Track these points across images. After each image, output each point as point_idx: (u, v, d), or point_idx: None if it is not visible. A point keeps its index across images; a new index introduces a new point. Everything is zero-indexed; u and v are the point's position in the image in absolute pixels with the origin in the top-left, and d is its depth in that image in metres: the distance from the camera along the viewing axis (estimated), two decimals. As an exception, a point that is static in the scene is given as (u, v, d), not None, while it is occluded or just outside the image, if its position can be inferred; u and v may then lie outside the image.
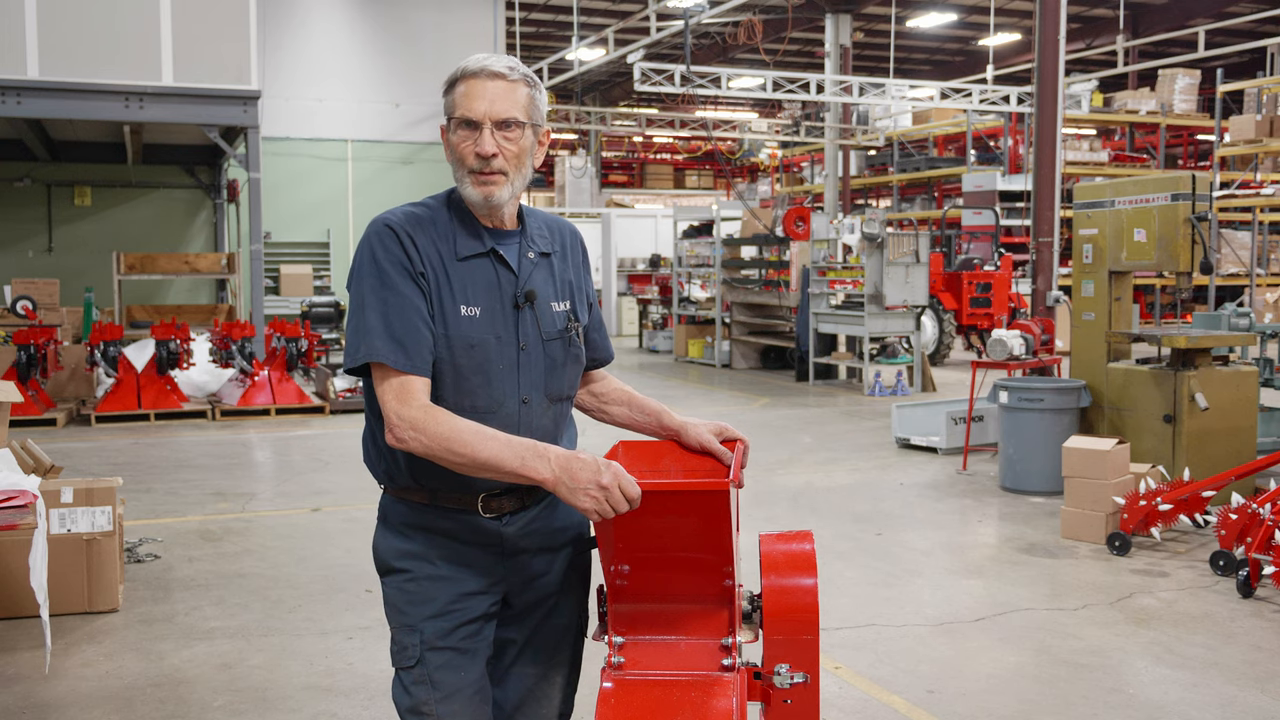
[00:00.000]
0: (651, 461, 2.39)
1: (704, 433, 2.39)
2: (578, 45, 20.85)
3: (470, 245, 2.21)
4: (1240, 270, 19.81)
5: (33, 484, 4.34)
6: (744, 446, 2.36)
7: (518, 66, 2.21)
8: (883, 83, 19.99)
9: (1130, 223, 7.61)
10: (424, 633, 2.21)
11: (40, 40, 11.48)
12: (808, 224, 14.85)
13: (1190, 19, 23.74)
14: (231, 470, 8.85)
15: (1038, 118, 10.55)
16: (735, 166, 35.16)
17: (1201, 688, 4.32)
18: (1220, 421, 7.14)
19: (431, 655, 2.21)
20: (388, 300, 2.12)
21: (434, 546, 2.23)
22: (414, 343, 2.11)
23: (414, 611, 2.22)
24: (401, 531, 2.25)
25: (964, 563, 6.13)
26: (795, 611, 2.08)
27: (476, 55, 2.23)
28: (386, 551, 2.27)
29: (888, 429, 10.37)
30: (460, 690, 2.23)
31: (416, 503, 2.23)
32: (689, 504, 2.00)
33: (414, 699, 2.22)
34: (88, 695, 4.25)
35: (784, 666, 2.05)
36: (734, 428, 2.41)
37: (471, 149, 2.18)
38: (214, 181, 18.59)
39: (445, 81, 2.23)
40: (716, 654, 2.07)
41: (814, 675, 2.07)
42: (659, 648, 2.09)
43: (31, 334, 11.09)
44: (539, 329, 2.26)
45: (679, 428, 2.41)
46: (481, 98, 2.17)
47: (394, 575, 2.26)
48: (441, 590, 2.22)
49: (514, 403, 2.23)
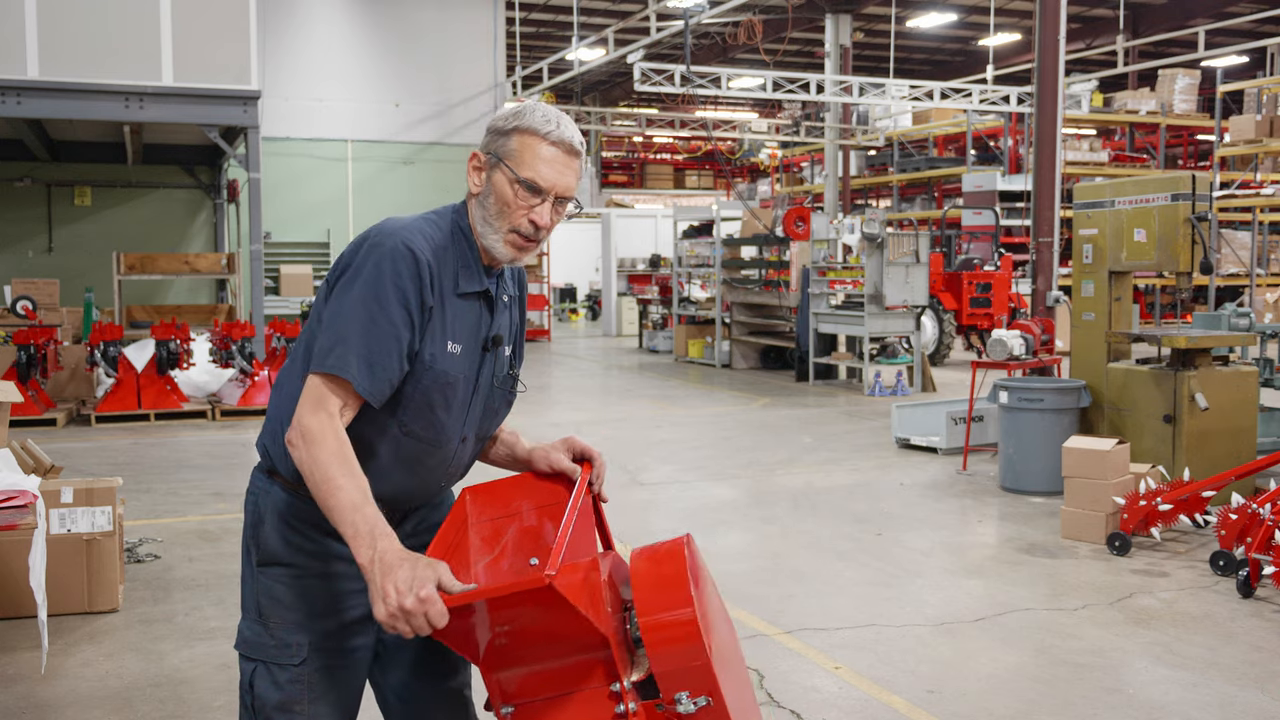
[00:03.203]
0: (503, 505, 2.29)
1: (553, 454, 2.33)
2: (578, 45, 20.85)
3: (470, 283, 2.20)
4: (1240, 270, 19.81)
5: (33, 484, 4.34)
6: (599, 465, 2.29)
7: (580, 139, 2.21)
8: (883, 83, 20.00)
9: (1130, 223, 7.61)
10: (311, 632, 2.19)
11: (40, 40, 11.48)
12: (808, 224, 14.85)
13: (1190, 19, 23.74)
14: (231, 470, 8.85)
15: (1038, 118, 10.55)
16: (735, 166, 35.17)
17: (1201, 688, 4.32)
18: (1220, 421, 7.13)
19: (314, 656, 2.19)
20: (377, 320, 2.05)
21: (326, 545, 2.20)
22: (381, 372, 2.06)
23: (303, 609, 2.19)
24: (294, 525, 2.20)
25: (964, 563, 6.13)
26: (674, 642, 1.93)
27: (550, 113, 2.15)
28: (277, 544, 2.20)
29: (888, 429, 10.37)
30: (333, 690, 2.22)
31: (310, 498, 2.16)
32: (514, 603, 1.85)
33: (285, 695, 2.19)
34: (88, 695, 4.26)
35: (683, 694, 1.95)
36: (581, 439, 2.34)
37: (526, 215, 2.15)
38: (214, 181, 18.60)
39: (512, 123, 2.15)
40: (609, 702, 1.99)
41: (716, 696, 1.96)
42: (551, 706, 2.01)
43: (31, 334, 11.09)
44: (493, 372, 2.28)
45: (528, 457, 2.37)
46: (556, 169, 2.14)
47: (281, 568, 2.20)
48: (330, 589, 2.21)
49: (456, 440, 2.25)
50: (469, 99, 19.93)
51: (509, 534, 2.27)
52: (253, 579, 2.23)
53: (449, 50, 19.75)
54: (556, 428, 10.79)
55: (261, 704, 2.20)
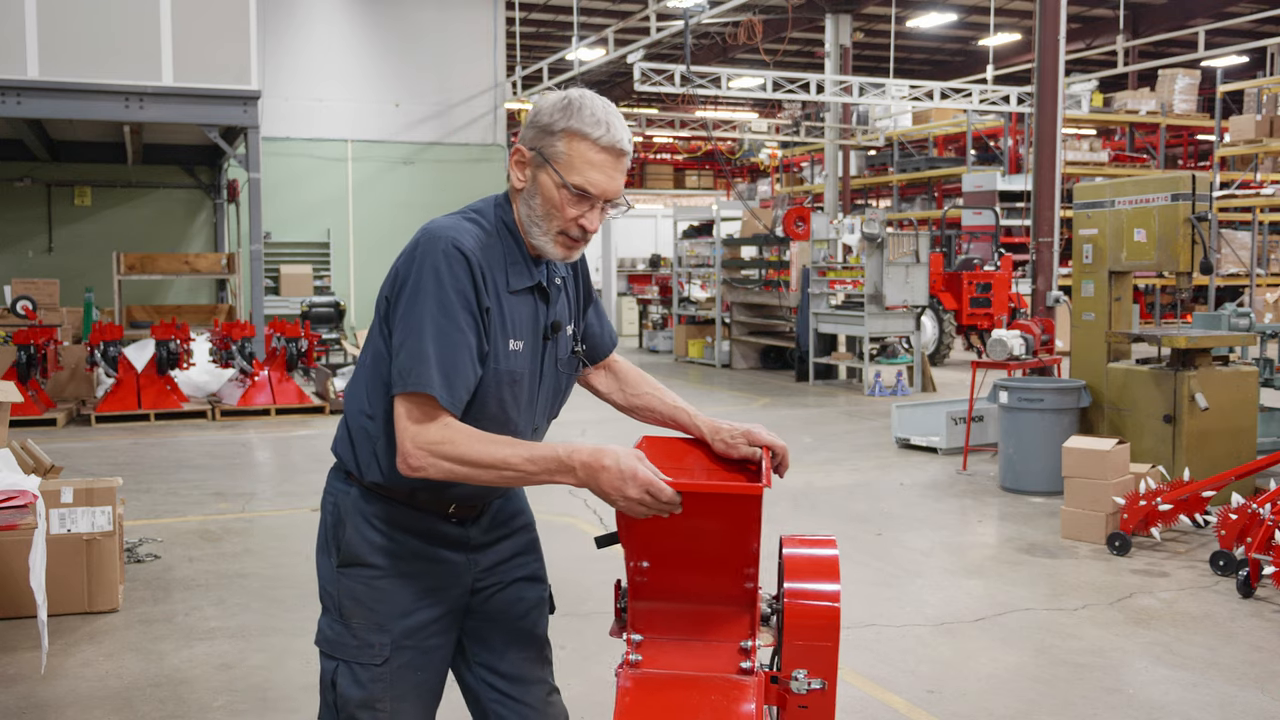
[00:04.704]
0: (675, 459, 2.32)
1: (732, 439, 2.29)
2: (578, 45, 20.84)
3: (521, 279, 2.18)
4: (1240, 270, 19.81)
5: (33, 484, 4.34)
6: (781, 451, 2.26)
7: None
8: (883, 83, 19.99)
9: (1130, 223, 7.61)
10: (393, 632, 2.21)
11: (40, 40, 11.48)
12: (808, 224, 14.85)
13: (1190, 19, 23.72)
14: (231, 470, 8.85)
15: (1038, 118, 10.55)
16: (735, 166, 35.15)
17: (1201, 688, 4.32)
18: (1220, 421, 7.13)
19: (395, 654, 2.21)
20: (447, 332, 2.04)
21: (407, 544, 2.23)
22: (459, 382, 2.06)
23: (384, 609, 2.21)
24: (375, 526, 2.23)
25: (964, 563, 6.13)
26: (817, 618, 2.06)
27: (598, 111, 2.09)
28: (358, 544, 2.22)
29: (888, 429, 10.37)
30: (415, 689, 2.25)
31: (391, 499, 2.22)
32: (719, 506, 1.96)
33: (368, 694, 2.21)
34: (88, 695, 4.26)
35: (801, 672, 2.03)
36: (766, 431, 2.29)
37: (576, 219, 2.13)
38: (214, 181, 18.59)
39: (561, 122, 2.09)
40: (735, 656, 2.05)
41: (831, 682, 2.04)
42: (677, 647, 2.07)
43: (31, 334, 11.09)
44: (555, 357, 2.28)
45: (708, 428, 2.33)
46: (606, 174, 2.11)
47: (362, 569, 2.22)
48: (411, 589, 2.23)
49: (527, 432, 2.27)
50: (469, 99, 19.92)
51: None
52: (334, 579, 2.25)
53: (449, 50, 19.73)
54: (559, 426, 10.76)
55: (345, 702, 2.22)
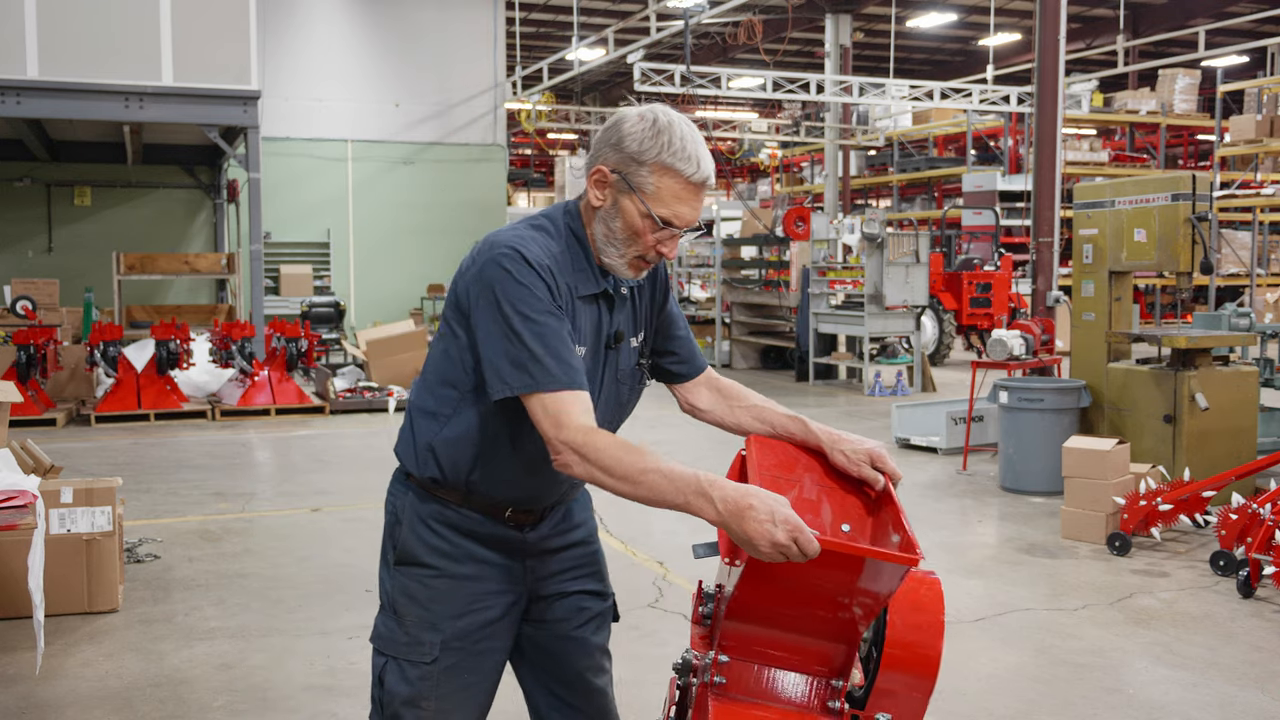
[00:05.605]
0: (785, 467, 2.19)
1: (854, 458, 2.14)
2: (578, 45, 20.85)
3: (588, 285, 2.18)
4: (1240, 270, 19.81)
5: (32, 484, 4.34)
6: (899, 480, 2.12)
7: None
8: (883, 83, 19.99)
9: (1130, 223, 7.61)
10: (445, 632, 2.23)
11: (40, 40, 11.48)
12: (808, 224, 14.85)
13: (1190, 19, 23.73)
14: (231, 470, 8.85)
15: (1038, 118, 10.55)
16: (735, 166, 35.15)
17: (1201, 688, 4.32)
18: (1220, 421, 7.13)
19: (445, 654, 2.23)
20: (544, 327, 2.03)
21: (462, 546, 2.25)
22: (572, 359, 2.03)
23: (437, 609, 2.24)
24: (431, 527, 2.25)
25: (964, 563, 6.13)
26: (918, 665, 1.89)
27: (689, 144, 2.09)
28: (416, 543, 2.25)
29: (888, 429, 10.37)
30: (463, 691, 2.26)
31: (448, 500, 2.24)
32: (866, 568, 1.77)
33: (414, 691, 2.23)
34: (87, 695, 4.25)
35: (885, 716, 1.89)
36: (890, 457, 2.15)
37: (656, 246, 2.15)
38: (214, 181, 18.59)
39: (651, 153, 2.08)
40: (824, 693, 1.94)
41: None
42: (764, 674, 1.95)
43: (31, 334, 11.09)
44: (617, 367, 2.27)
45: (826, 439, 2.19)
46: (692, 207, 2.13)
47: (418, 568, 2.25)
48: (465, 590, 2.25)
49: None
50: (469, 99, 19.92)
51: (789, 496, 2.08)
52: (389, 577, 2.29)
53: (449, 50, 19.73)
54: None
55: (390, 698, 2.24)
